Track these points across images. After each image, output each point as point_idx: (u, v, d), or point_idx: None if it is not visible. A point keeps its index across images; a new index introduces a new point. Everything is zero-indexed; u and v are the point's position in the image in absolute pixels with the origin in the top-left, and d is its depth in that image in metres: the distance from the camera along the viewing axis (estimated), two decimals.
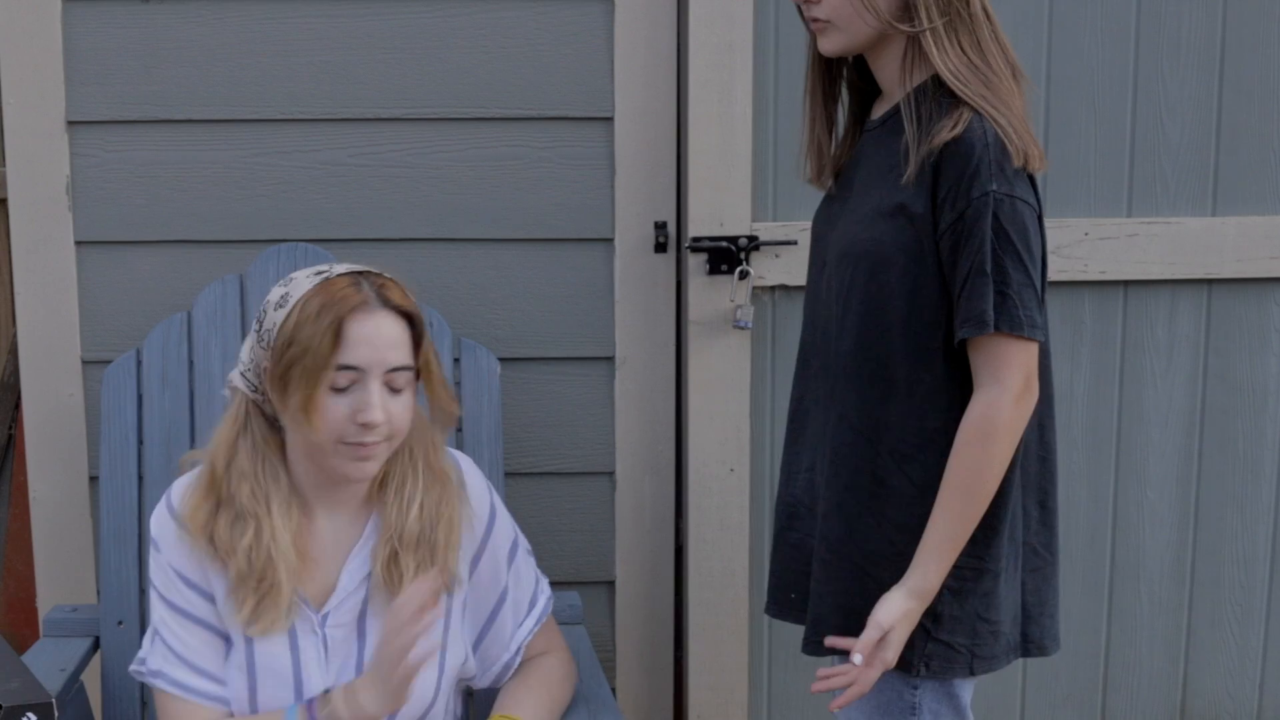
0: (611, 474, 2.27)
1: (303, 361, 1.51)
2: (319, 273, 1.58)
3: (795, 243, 2.16)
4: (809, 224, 2.12)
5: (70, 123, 2.14)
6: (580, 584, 2.22)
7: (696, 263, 2.17)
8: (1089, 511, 2.30)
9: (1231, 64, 2.23)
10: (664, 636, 2.31)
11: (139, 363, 2.05)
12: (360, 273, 1.59)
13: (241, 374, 1.61)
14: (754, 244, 2.16)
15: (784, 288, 2.21)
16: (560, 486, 2.25)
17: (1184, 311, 2.28)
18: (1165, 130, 2.23)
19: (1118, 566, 2.32)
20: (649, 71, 2.17)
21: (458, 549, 1.66)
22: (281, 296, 1.57)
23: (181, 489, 1.64)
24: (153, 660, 1.63)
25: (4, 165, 2.24)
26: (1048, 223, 2.13)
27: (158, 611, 1.63)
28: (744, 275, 2.16)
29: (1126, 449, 2.30)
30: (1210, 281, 2.28)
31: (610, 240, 2.22)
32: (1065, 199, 2.21)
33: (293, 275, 1.59)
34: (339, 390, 1.53)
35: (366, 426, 1.52)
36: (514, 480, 2.22)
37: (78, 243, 2.17)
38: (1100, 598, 2.32)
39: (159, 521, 1.64)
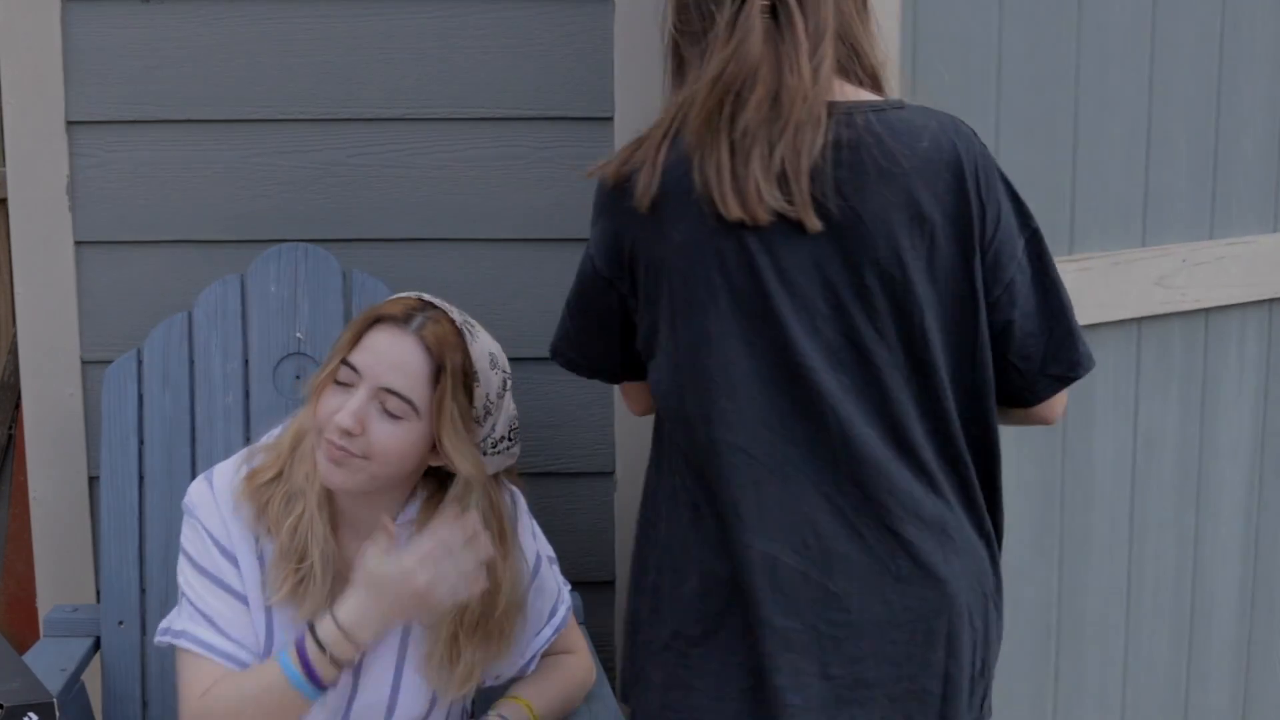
0: (611, 474, 2.27)
1: (331, 350, 1.60)
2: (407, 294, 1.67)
3: None
4: None
5: (70, 123, 2.14)
6: (580, 584, 2.22)
7: None
8: (1176, 555, 2.15)
9: None
10: None
11: (139, 363, 2.05)
12: (431, 303, 1.61)
13: None
14: None
15: None
16: (560, 486, 2.25)
17: (1251, 334, 2.16)
18: (1241, 146, 2.10)
19: (1197, 610, 2.20)
20: (649, 71, 2.17)
21: (512, 638, 1.67)
22: None
23: (223, 469, 1.66)
24: (178, 623, 1.63)
25: (4, 165, 2.24)
26: (1149, 251, 1.97)
27: (185, 577, 1.63)
28: None
29: (1206, 485, 2.17)
30: (1273, 301, 2.16)
31: None
32: (1163, 225, 2.05)
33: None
34: (341, 387, 1.56)
35: (335, 427, 1.54)
36: None
37: (78, 243, 2.17)
38: (1182, 644, 2.19)
39: (196, 490, 1.66)
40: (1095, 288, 1.91)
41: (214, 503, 1.63)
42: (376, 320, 1.57)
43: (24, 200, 2.16)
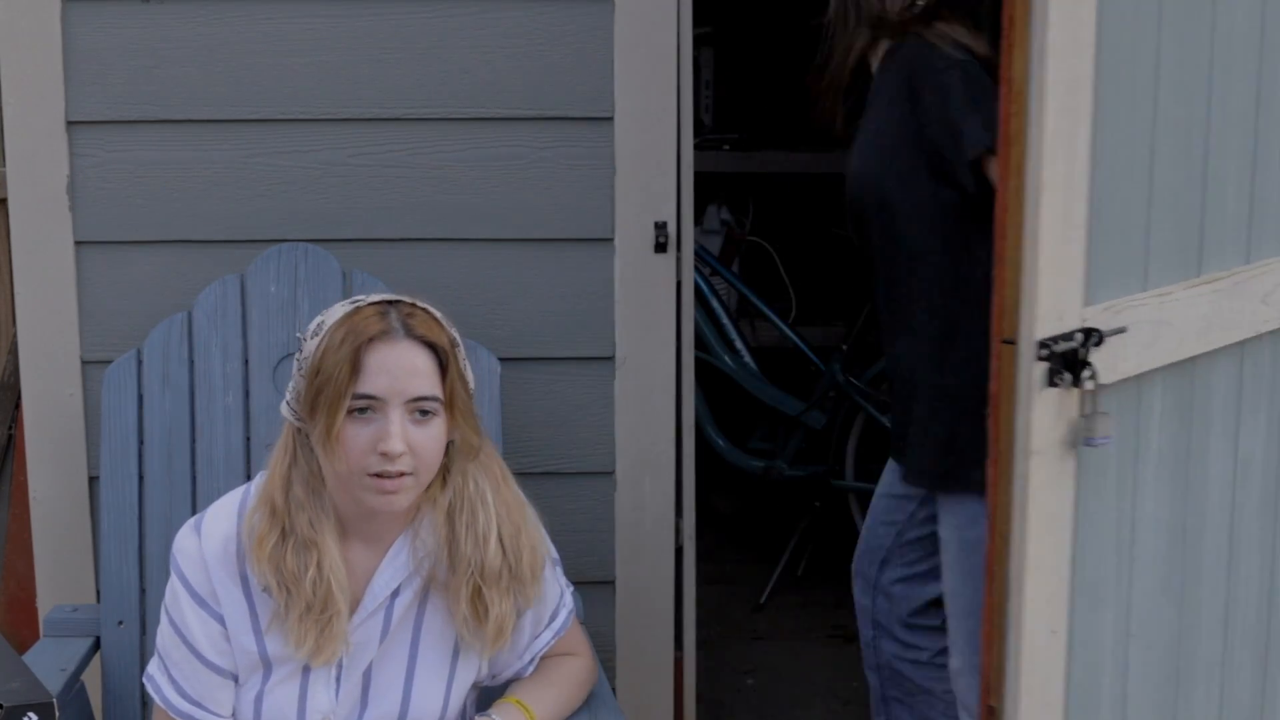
0: (611, 474, 2.27)
1: (325, 391, 1.52)
2: (353, 302, 1.58)
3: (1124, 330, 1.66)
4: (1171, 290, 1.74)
5: (70, 123, 2.14)
6: (580, 584, 2.21)
7: (1038, 373, 1.58)
8: (1259, 580, 1.97)
9: None
10: (664, 636, 2.31)
11: (139, 363, 2.05)
12: (391, 302, 1.58)
13: (287, 403, 1.61)
14: (1097, 338, 1.61)
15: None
16: (560, 486, 2.25)
17: None
18: None
19: (1273, 634, 2.03)
20: (649, 71, 2.17)
21: (541, 580, 1.66)
22: (317, 325, 1.58)
23: (215, 519, 1.63)
24: (155, 672, 1.65)
25: (4, 165, 2.24)
26: (1254, 269, 1.84)
27: (162, 630, 1.64)
28: (1092, 378, 1.59)
29: None
30: None
31: (610, 240, 2.22)
32: (1265, 240, 1.86)
33: (333, 305, 1.60)
34: (361, 420, 1.52)
35: (386, 456, 1.51)
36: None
37: (78, 243, 2.17)
38: (1262, 669, 2.02)
39: (181, 540, 1.63)
40: (1221, 311, 1.77)
41: (199, 552, 1.61)
42: (367, 341, 1.53)
43: (24, 200, 2.16)
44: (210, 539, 1.61)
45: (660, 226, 2.20)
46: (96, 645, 2.02)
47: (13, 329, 2.35)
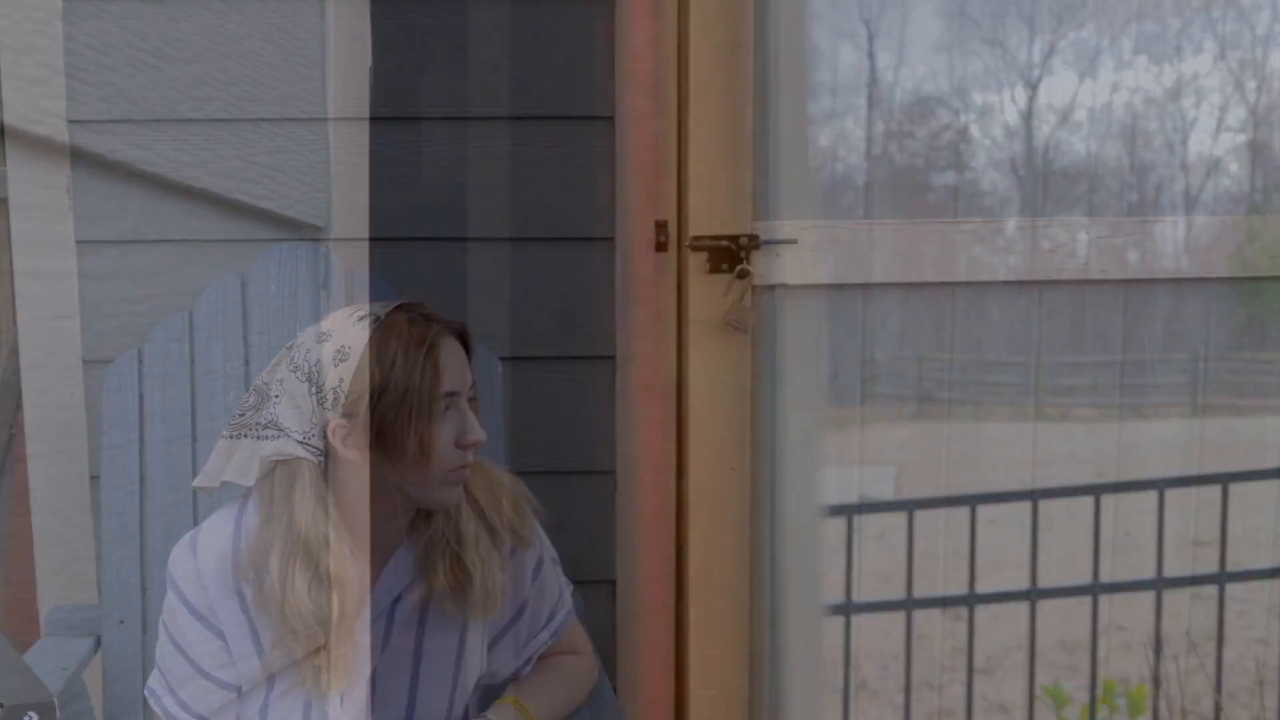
0: (612, 474, 2.28)
1: (407, 401, 1.50)
2: (359, 319, 1.54)
3: (796, 241, 2.16)
4: (812, 222, 2.14)
5: (70, 122, 2.14)
6: (580, 584, 2.22)
7: (697, 262, 2.16)
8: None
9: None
10: (664, 636, 2.31)
11: (139, 363, 2.05)
12: (397, 307, 1.57)
13: (300, 443, 1.55)
14: (755, 243, 2.15)
15: (784, 286, 2.20)
16: (560, 486, 2.25)
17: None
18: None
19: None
20: (649, 72, 2.17)
21: (526, 517, 1.67)
22: (338, 350, 1.52)
23: (211, 534, 1.61)
24: (156, 687, 1.65)
25: (4, 165, 2.24)
26: (1046, 221, 2.15)
27: (161, 647, 1.64)
28: (743, 275, 2.14)
29: None
30: None
31: (610, 240, 2.22)
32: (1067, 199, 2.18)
33: (326, 331, 1.54)
34: (441, 419, 1.53)
35: (473, 446, 1.54)
36: None
37: (78, 243, 2.17)
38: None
39: (177, 555, 1.62)
40: (977, 255, 2.24)
41: (195, 571, 1.60)
42: (434, 343, 1.52)
43: (24, 200, 2.16)
44: (206, 558, 1.59)
45: (660, 226, 2.21)
46: (97, 644, 2.02)
47: (13, 329, 2.35)
